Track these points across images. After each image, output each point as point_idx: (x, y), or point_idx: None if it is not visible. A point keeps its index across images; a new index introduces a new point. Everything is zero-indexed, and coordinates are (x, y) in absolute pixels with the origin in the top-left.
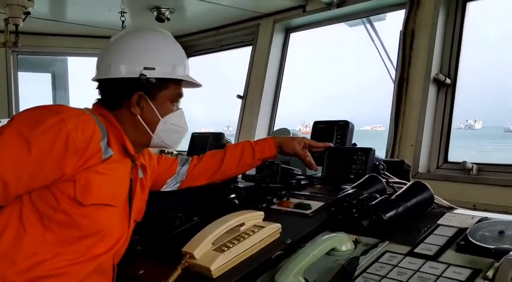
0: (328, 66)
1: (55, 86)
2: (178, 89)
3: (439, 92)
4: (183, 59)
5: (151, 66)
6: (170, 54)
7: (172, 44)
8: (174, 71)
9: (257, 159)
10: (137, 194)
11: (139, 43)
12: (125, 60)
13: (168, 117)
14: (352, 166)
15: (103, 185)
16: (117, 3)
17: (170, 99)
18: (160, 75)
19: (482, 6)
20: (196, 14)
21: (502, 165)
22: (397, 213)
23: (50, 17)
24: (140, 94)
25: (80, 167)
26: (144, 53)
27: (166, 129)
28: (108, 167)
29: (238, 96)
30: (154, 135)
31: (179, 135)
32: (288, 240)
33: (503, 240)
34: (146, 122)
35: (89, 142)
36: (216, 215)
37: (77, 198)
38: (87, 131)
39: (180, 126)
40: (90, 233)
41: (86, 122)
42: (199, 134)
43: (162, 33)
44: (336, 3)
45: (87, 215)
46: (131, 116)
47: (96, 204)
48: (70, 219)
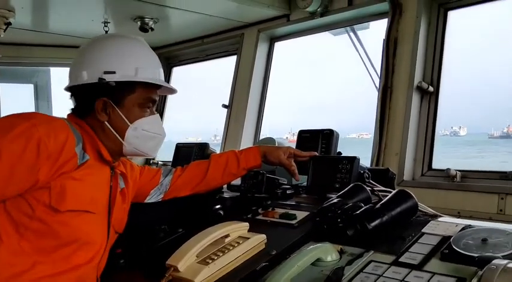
0: (315, 75)
1: (37, 97)
2: (148, 94)
3: (423, 100)
4: (151, 63)
5: (112, 70)
6: (133, 58)
7: (138, 47)
8: (137, 74)
9: (242, 169)
10: (118, 203)
11: (102, 48)
12: (87, 66)
13: (139, 123)
14: (337, 175)
15: (79, 191)
16: (100, 13)
17: (139, 104)
18: (121, 78)
19: (463, 15)
20: (181, 24)
21: (485, 172)
22: (382, 222)
23: (32, 27)
24: (104, 100)
25: (55, 173)
26: (104, 57)
27: (137, 136)
28: (85, 172)
29: (223, 106)
30: (125, 142)
31: (155, 142)
32: (273, 251)
33: (487, 248)
34: (115, 129)
35: (63, 147)
36: (201, 226)
37: (52, 205)
38: (60, 137)
39: (154, 132)
40: (68, 241)
41: (59, 127)
42: (184, 144)
43: (128, 38)
44: (319, 13)
45: (64, 222)
46: (100, 123)
47: (73, 211)
48: (46, 227)
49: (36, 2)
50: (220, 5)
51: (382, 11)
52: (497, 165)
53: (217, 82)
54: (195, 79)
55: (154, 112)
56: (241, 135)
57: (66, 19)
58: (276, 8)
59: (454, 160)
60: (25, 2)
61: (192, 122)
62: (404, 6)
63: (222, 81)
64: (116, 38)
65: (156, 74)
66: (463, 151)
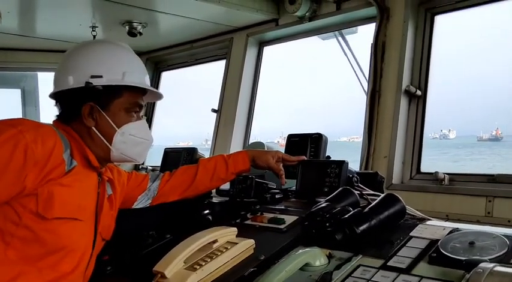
0: (306, 79)
1: (25, 102)
2: (135, 98)
3: (411, 104)
4: (137, 68)
5: (99, 74)
6: (120, 62)
7: (125, 53)
8: (124, 79)
9: (231, 173)
10: (105, 209)
11: (88, 53)
12: (73, 71)
13: (126, 128)
14: (326, 179)
15: (67, 198)
16: (87, 17)
17: (126, 108)
18: (108, 82)
19: (451, 19)
20: (169, 29)
21: (473, 175)
22: (370, 226)
23: (18, 32)
24: (91, 105)
25: (42, 179)
26: (91, 62)
27: (125, 141)
28: (73, 179)
29: (213, 110)
30: (112, 147)
31: (142, 147)
32: (261, 256)
33: (474, 251)
34: (102, 134)
35: (50, 154)
36: (189, 232)
37: (39, 212)
38: (47, 143)
39: (141, 137)
40: (54, 248)
41: (46, 133)
42: (172, 149)
43: (114, 44)
44: (308, 17)
45: (51, 230)
46: (87, 129)
47: (61, 218)
48: (33, 235)
49: (23, 6)
50: (209, 9)
51: (370, 15)
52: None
53: (207, 87)
54: (185, 84)
55: (140, 117)
56: (230, 140)
57: (53, 23)
58: (264, 13)
59: (443, 163)
60: (11, 6)
61: (183, 127)
62: (391, 11)
63: (212, 85)
64: (102, 44)
65: (143, 79)
66: (452, 154)
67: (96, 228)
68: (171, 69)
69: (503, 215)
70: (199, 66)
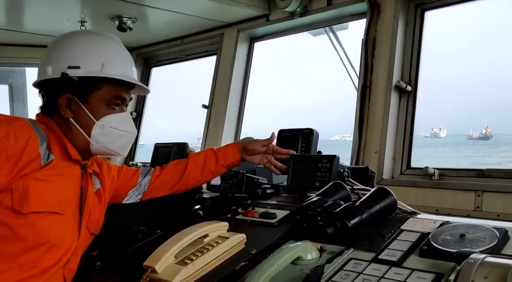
0: (298, 75)
1: (13, 98)
2: (116, 91)
3: (401, 99)
4: (119, 60)
5: (76, 64)
6: (99, 53)
7: (107, 44)
8: (103, 70)
9: (221, 166)
10: (92, 203)
11: (69, 43)
12: (52, 62)
13: (106, 120)
14: (317, 173)
15: (44, 192)
16: (76, 12)
17: (106, 101)
18: (85, 74)
19: (441, 15)
20: (160, 24)
21: (462, 170)
22: (362, 220)
23: (6, 26)
24: (68, 96)
25: (16, 174)
26: (70, 52)
27: (105, 134)
28: (50, 172)
29: (203, 106)
30: (91, 139)
31: (124, 140)
32: (252, 250)
33: (464, 243)
34: (81, 126)
35: (24, 148)
36: (180, 227)
37: (15, 207)
38: (20, 137)
39: (122, 129)
40: (36, 244)
41: (19, 128)
42: (163, 144)
43: (98, 34)
44: (298, 13)
45: (30, 225)
46: (66, 120)
47: (38, 212)
48: (11, 231)
49: (11, 0)
50: (199, 4)
51: (360, 11)
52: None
53: (198, 83)
54: (176, 80)
55: (124, 110)
56: (221, 136)
57: (41, 18)
58: (255, 8)
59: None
60: None
61: (174, 125)
62: (382, 7)
63: (202, 81)
64: (85, 34)
65: (125, 71)
66: (444, 153)
67: (80, 221)
68: (161, 65)
69: (492, 209)
70: (189, 62)
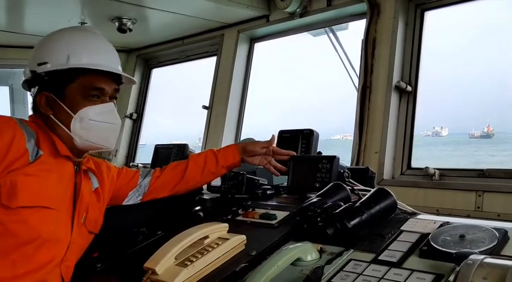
0: (298, 76)
1: (13, 99)
2: (91, 81)
3: (401, 99)
4: (88, 48)
5: (44, 61)
6: (65, 45)
7: (74, 36)
8: (69, 62)
9: (221, 167)
10: (90, 202)
11: (39, 43)
12: (28, 63)
13: (84, 113)
14: (317, 174)
15: (33, 187)
16: (76, 13)
17: (82, 93)
18: (52, 68)
19: (440, 16)
20: (160, 25)
21: (462, 170)
22: (362, 221)
23: (6, 28)
24: (44, 93)
25: (3, 171)
26: (38, 50)
27: (86, 127)
28: (40, 168)
29: (204, 107)
30: (73, 134)
31: (108, 132)
32: (253, 251)
33: (464, 244)
34: (61, 122)
35: (9, 145)
36: (180, 228)
37: (3, 202)
38: (5, 134)
39: (104, 121)
40: (28, 239)
41: (3, 125)
42: (163, 145)
43: (68, 28)
44: (298, 13)
45: (21, 220)
46: (48, 118)
47: (27, 207)
48: (2, 227)
49: (11, 2)
50: (199, 5)
51: (360, 11)
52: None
53: (198, 83)
54: (176, 82)
55: (106, 101)
56: (221, 137)
57: (41, 20)
58: (255, 9)
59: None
60: None
61: (175, 125)
62: (382, 7)
63: (203, 82)
64: (56, 31)
65: (94, 60)
66: (445, 152)
67: (73, 216)
68: (161, 66)
69: (493, 209)
70: (190, 63)
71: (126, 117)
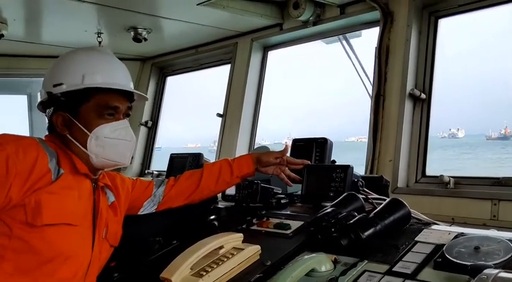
0: (311, 82)
1: (31, 107)
2: (105, 100)
3: (415, 107)
4: (102, 68)
5: (59, 82)
6: (79, 66)
7: (88, 56)
8: (84, 81)
9: (235, 177)
10: (109, 216)
11: (53, 65)
12: (43, 84)
13: (99, 131)
14: (331, 183)
15: (56, 204)
16: (93, 24)
17: (97, 112)
18: (68, 88)
19: (454, 23)
20: (174, 34)
21: (478, 178)
22: (376, 232)
23: (25, 38)
24: (60, 114)
25: (28, 190)
26: (54, 70)
27: (102, 145)
28: (61, 186)
29: (218, 115)
30: (89, 152)
31: (123, 148)
32: (267, 261)
33: (479, 256)
34: (78, 141)
35: (34, 164)
36: (195, 238)
37: (28, 221)
38: (29, 154)
39: (118, 138)
40: (50, 256)
41: (27, 145)
42: (178, 154)
43: (80, 49)
44: (312, 22)
45: (44, 237)
46: (65, 137)
47: (51, 225)
48: (26, 245)
49: (29, 13)
50: (213, 15)
51: (373, 19)
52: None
53: (213, 91)
54: (191, 88)
55: (120, 119)
56: (236, 144)
57: (59, 30)
58: (268, 18)
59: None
60: (18, 14)
61: (191, 130)
62: (395, 15)
63: (217, 89)
64: (71, 51)
65: (109, 79)
66: (460, 153)
67: (94, 233)
68: (176, 74)
69: (509, 217)
70: (204, 71)
71: (141, 124)
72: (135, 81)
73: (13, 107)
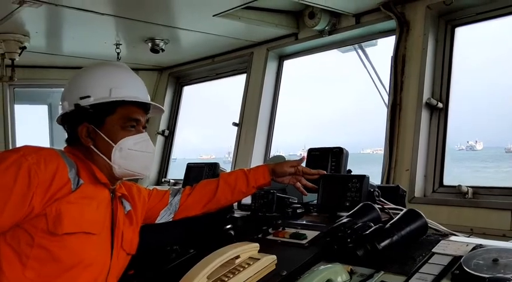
0: (327, 91)
1: (51, 117)
2: (129, 113)
3: (432, 116)
4: (127, 83)
5: (86, 94)
6: (106, 80)
7: (113, 71)
8: (111, 95)
9: (251, 187)
10: (125, 225)
11: (78, 77)
12: (67, 96)
13: (123, 143)
14: (347, 193)
15: (76, 214)
16: (112, 35)
17: (121, 124)
18: (96, 101)
19: (472, 31)
20: (191, 44)
21: (497, 188)
22: (392, 242)
23: (46, 50)
24: (86, 125)
25: (49, 200)
26: (79, 84)
27: (124, 156)
28: (81, 195)
29: (234, 124)
30: (113, 163)
31: (144, 160)
32: (283, 272)
33: (497, 268)
34: (102, 152)
35: (54, 175)
36: (212, 247)
37: (50, 229)
38: (50, 165)
39: (141, 150)
40: (71, 264)
41: (48, 155)
42: (195, 164)
43: (104, 64)
44: (327, 31)
45: (65, 246)
46: (88, 148)
47: (72, 233)
48: (48, 253)
49: (50, 26)
50: (229, 25)
51: (389, 28)
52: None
53: (228, 100)
54: (207, 98)
55: (141, 131)
56: (251, 153)
57: (79, 42)
58: (284, 27)
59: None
60: (39, 27)
61: (205, 140)
62: (411, 24)
63: (233, 99)
64: (93, 66)
65: (133, 93)
66: (482, 167)
67: (112, 241)
68: (192, 84)
69: None
70: (220, 81)
71: (158, 133)
72: (153, 91)
73: (34, 117)
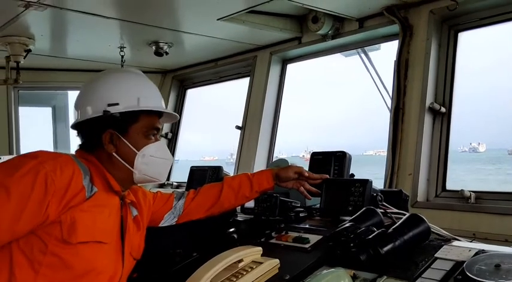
0: (329, 94)
1: (55, 119)
2: (152, 122)
3: (435, 121)
4: (152, 93)
5: (115, 102)
6: (134, 89)
7: (138, 80)
8: (140, 104)
9: (255, 192)
10: (132, 231)
11: (103, 82)
12: (90, 102)
13: (146, 150)
14: (350, 198)
15: (90, 223)
16: (116, 38)
17: (144, 132)
18: (125, 109)
19: (475, 36)
20: (194, 48)
21: (500, 193)
22: (395, 247)
23: (51, 53)
24: (110, 132)
25: (64, 207)
26: (107, 90)
27: (146, 162)
28: (94, 204)
29: (237, 127)
30: (135, 169)
31: (163, 166)
32: (286, 276)
33: (500, 273)
34: (124, 158)
35: (70, 182)
36: (215, 250)
37: (64, 238)
38: (66, 172)
39: (162, 157)
40: (82, 272)
41: (64, 162)
42: (198, 167)
43: (127, 72)
44: (330, 35)
45: (77, 254)
46: (108, 155)
47: (85, 242)
48: (60, 261)
49: (55, 29)
50: (233, 29)
51: (392, 33)
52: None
53: (231, 104)
54: (210, 101)
55: (158, 139)
56: (254, 157)
57: (83, 45)
58: (287, 31)
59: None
60: (44, 30)
61: (208, 142)
62: (414, 29)
63: (236, 102)
64: (116, 72)
65: (158, 102)
66: (482, 168)
67: (123, 249)
68: (195, 87)
69: None
70: (223, 84)
71: (161, 136)
72: None
73: (38, 119)
